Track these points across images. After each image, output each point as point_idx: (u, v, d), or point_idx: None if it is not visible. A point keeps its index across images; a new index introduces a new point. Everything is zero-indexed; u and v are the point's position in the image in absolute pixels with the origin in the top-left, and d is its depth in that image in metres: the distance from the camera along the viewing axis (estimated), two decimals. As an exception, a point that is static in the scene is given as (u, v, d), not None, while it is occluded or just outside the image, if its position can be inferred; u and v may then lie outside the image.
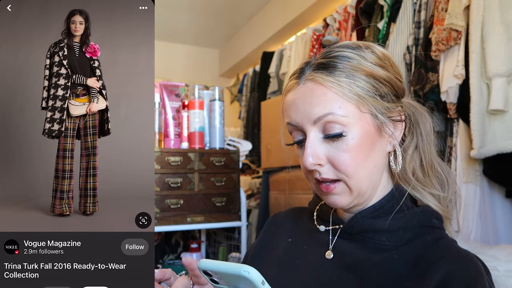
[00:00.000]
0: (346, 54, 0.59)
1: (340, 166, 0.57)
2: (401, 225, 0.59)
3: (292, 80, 0.63)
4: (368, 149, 0.58)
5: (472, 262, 0.54)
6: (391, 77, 0.61)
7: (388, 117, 0.60)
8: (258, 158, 3.06)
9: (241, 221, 1.56)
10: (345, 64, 0.58)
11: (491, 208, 1.48)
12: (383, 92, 0.59)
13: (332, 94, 0.57)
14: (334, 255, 0.62)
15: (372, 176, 0.60)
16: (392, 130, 0.61)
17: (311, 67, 0.60)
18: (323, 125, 0.57)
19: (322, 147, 0.58)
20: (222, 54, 4.96)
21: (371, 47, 0.61)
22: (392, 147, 0.62)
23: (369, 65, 0.59)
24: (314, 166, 0.58)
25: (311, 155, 0.58)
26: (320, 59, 0.60)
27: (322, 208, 0.70)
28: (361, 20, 2.10)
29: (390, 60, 0.62)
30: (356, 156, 0.57)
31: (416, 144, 0.65)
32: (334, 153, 0.57)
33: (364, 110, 0.58)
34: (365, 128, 0.58)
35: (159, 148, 1.43)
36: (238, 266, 0.41)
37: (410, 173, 0.64)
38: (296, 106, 0.60)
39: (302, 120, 0.59)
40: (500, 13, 1.38)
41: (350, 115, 0.57)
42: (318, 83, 0.58)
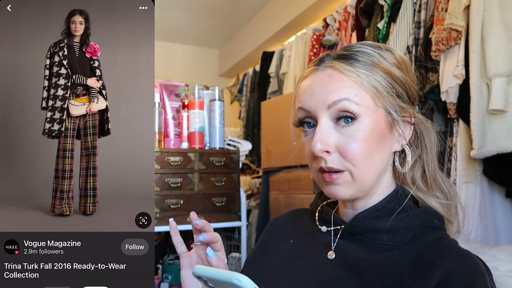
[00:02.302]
0: (367, 51, 0.60)
1: (349, 154, 0.57)
2: (402, 225, 0.59)
3: (311, 67, 0.63)
4: (377, 143, 0.59)
5: (473, 261, 0.54)
6: (408, 80, 0.62)
7: (401, 116, 0.61)
8: (258, 158, 3.05)
9: (241, 221, 1.56)
10: (365, 59, 0.59)
11: (491, 208, 1.48)
12: (399, 92, 0.60)
13: (351, 82, 0.58)
14: (336, 255, 0.62)
15: (377, 171, 0.60)
16: (403, 130, 0.62)
17: (331, 57, 0.61)
18: (336, 112, 0.57)
19: (332, 135, 0.58)
20: (222, 54, 4.95)
21: (391, 50, 0.62)
22: (400, 146, 0.63)
23: (388, 65, 0.60)
24: (322, 153, 0.57)
25: (320, 141, 0.57)
26: (341, 51, 0.61)
27: (324, 209, 0.70)
28: (361, 20, 2.10)
29: (407, 65, 0.63)
30: (366, 147, 0.57)
31: (420, 155, 0.66)
32: (344, 141, 0.57)
33: (379, 104, 0.58)
34: (377, 122, 0.58)
35: (159, 148, 1.43)
36: (230, 274, 0.41)
37: (409, 181, 0.65)
38: (312, 91, 0.60)
39: (316, 105, 0.59)
40: (500, 13, 1.38)
41: (365, 105, 0.57)
42: (337, 71, 0.59)
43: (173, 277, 1.38)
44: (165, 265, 1.43)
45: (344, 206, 0.65)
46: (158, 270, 1.52)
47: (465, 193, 1.47)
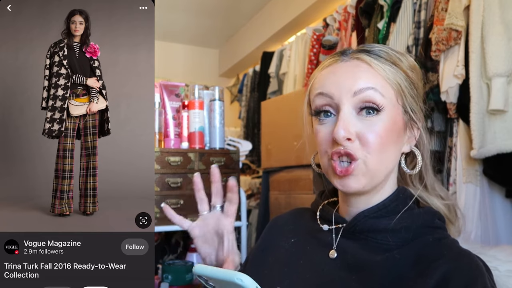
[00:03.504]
0: (386, 50, 0.61)
1: (369, 143, 0.57)
2: (403, 225, 0.59)
3: (333, 58, 0.62)
4: (394, 138, 0.59)
5: (473, 261, 0.54)
6: (420, 86, 0.63)
7: (416, 118, 0.62)
8: (258, 158, 3.05)
9: (241, 221, 1.56)
10: (387, 57, 0.60)
11: (491, 208, 1.48)
12: (415, 94, 0.62)
13: (377, 74, 0.58)
14: (338, 254, 0.62)
15: (388, 167, 0.60)
16: (415, 132, 0.63)
17: (354, 51, 0.61)
18: (360, 101, 0.57)
19: (354, 123, 0.58)
20: (222, 54, 4.95)
21: (406, 56, 0.63)
22: (409, 148, 0.63)
23: (406, 66, 0.61)
24: (344, 140, 0.57)
25: (343, 128, 0.56)
26: (362, 47, 0.62)
27: (325, 208, 0.70)
28: (361, 20, 2.10)
29: (419, 73, 0.64)
30: (385, 138, 0.58)
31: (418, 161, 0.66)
32: (365, 131, 0.57)
33: (399, 102, 0.59)
34: (396, 118, 0.59)
35: (159, 148, 1.43)
36: (231, 273, 0.41)
37: (410, 185, 0.66)
38: (336, 77, 0.59)
39: (341, 91, 0.58)
40: (500, 13, 1.38)
41: (388, 98, 0.58)
42: (364, 62, 0.59)
43: (173, 277, 1.38)
44: (165, 265, 1.43)
45: (346, 205, 0.65)
46: (158, 270, 1.52)
47: (465, 193, 1.47)
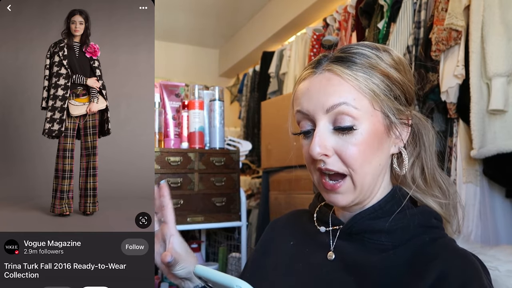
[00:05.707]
0: (364, 52, 0.60)
1: (348, 158, 0.57)
2: (400, 226, 0.59)
3: (308, 70, 0.62)
4: (376, 146, 0.59)
5: (470, 261, 0.54)
6: (405, 81, 0.62)
7: (398, 119, 0.61)
8: (258, 158, 3.06)
9: (241, 221, 1.56)
10: (363, 61, 0.59)
11: (491, 208, 1.48)
12: (396, 94, 0.60)
13: (349, 86, 0.57)
14: (336, 256, 0.62)
15: (376, 174, 0.60)
16: (400, 132, 0.62)
17: (329, 59, 0.61)
18: (335, 116, 0.57)
19: (330, 138, 0.58)
20: (222, 54, 4.95)
21: (389, 50, 0.62)
22: (397, 149, 0.63)
23: (385, 66, 0.60)
24: (321, 156, 0.58)
25: (319, 145, 0.57)
26: (338, 53, 0.61)
27: (322, 210, 0.70)
28: (361, 20, 2.10)
29: (405, 66, 0.63)
30: (364, 151, 0.57)
31: (418, 153, 0.66)
32: (342, 145, 0.57)
33: (376, 108, 0.58)
34: (375, 125, 0.58)
35: (159, 148, 1.43)
36: (231, 279, 0.41)
37: (410, 180, 0.65)
38: (310, 94, 0.60)
39: (315, 108, 0.59)
40: (500, 13, 1.38)
41: (363, 109, 0.57)
42: (335, 74, 0.58)
43: (173, 277, 1.38)
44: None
45: (341, 208, 0.65)
46: (158, 270, 1.52)
47: (465, 193, 1.47)
